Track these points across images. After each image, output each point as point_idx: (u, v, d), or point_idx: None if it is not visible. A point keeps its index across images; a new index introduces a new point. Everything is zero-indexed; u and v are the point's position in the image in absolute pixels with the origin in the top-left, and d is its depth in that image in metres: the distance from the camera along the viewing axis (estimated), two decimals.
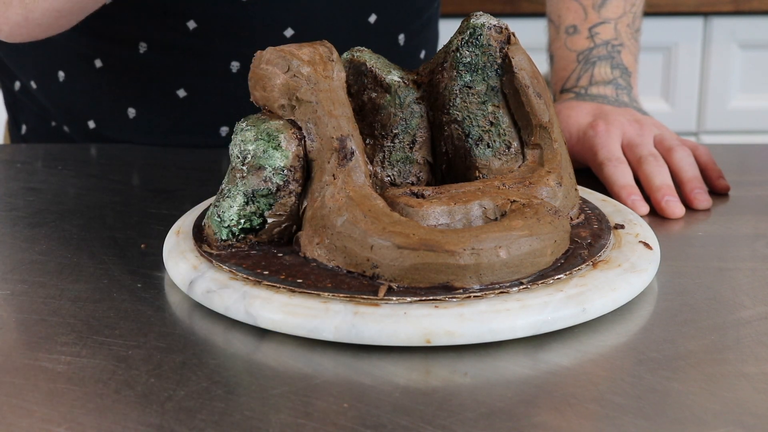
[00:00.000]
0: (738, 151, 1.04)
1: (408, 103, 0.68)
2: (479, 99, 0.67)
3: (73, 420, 0.49)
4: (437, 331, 0.54)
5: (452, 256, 0.56)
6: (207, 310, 0.60)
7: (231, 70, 0.99)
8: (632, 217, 0.69)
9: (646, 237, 0.65)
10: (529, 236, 0.58)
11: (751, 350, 0.55)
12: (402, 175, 0.68)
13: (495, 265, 0.56)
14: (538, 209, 0.60)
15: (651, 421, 0.48)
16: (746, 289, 0.64)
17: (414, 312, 0.55)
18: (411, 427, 0.48)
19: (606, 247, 0.62)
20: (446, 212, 0.60)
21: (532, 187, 0.64)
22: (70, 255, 0.70)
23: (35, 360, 0.55)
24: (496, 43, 0.67)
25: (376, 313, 0.55)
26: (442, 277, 0.56)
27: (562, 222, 0.60)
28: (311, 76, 0.63)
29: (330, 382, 0.52)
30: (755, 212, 0.78)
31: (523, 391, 0.51)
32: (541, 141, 0.67)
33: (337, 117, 0.62)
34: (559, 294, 0.57)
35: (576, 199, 0.67)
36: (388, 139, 0.67)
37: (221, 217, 0.63)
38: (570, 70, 0.93)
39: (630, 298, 0.60)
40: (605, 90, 0.91)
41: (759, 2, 1.84)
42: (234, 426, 0.48)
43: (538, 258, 0.58)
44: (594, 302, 0.57)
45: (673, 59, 1.91)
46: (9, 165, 0.94)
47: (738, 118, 1.89)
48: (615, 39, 0.94)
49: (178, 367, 0.54)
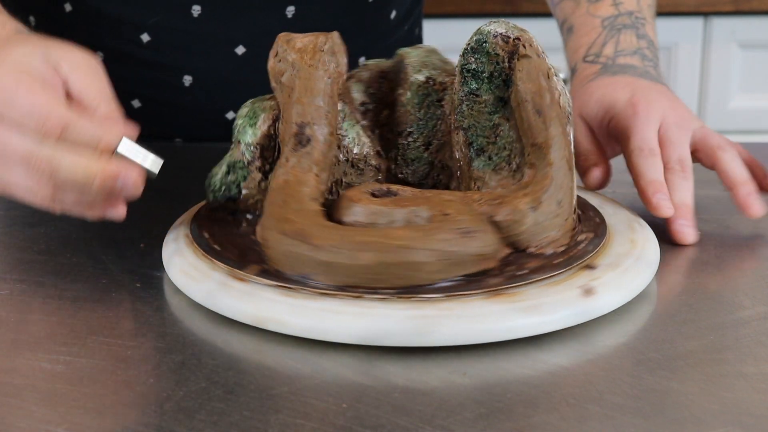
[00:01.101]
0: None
1: (426, 104, 0.66)
2: (487, 109, 0.65)
3: (73, 420, 0.49)
4: (269, 316, 0.56)
5: (314, 249, 0.57)
6: (206, 310, 0.60)
7: (184, 83, 0.99)
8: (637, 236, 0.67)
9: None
10: (406, 249, 0.56)
11: (750, 350, 0.55)
12: (416, 175, 0.66)
13: (353, 268, 0.56)
14: (442, 225, 0.58)
15: (650, 421, 0.48)
16: (746, 289, 0.64)
17: (262, 294, 0.57)
18: (410, 427, 0.48)
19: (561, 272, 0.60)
20: (371, 212, 0.60)
21: (501, 207, 0.61)
22: (69, 255, 0.70)
23: (35, 360, 0.55)
24: (503, 52, 0.64)
25: (236, 288, 0.58)
26: (306, 269, 0.57)
27: (469, 242, 0.57)
28: (295, 63, 0.65)
29: (329, 383, 0.52)
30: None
31: (522, 391, 0.51)
32: (537, 161, 0.63)
33: (304, 104, 0.64)
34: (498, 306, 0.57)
35: (562, 227, 0.62)
36: (402, 136, 0.67)
37: (209, 180, 0.68)
38: (594, 36, 0.88)
39: (627, 301, 0.60)
40: (632, 60, 0.85)
41: (759, 2, 1.84)
42: (233, 426, 0.48)
43: (411, 272, 0.56)
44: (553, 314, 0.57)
45: (673, 59, 1.91)
46: None
47: (738, 118, 1.89)
48: (638, 12, 0.90)
49: (177, 367, 0.54)
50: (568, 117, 0.64)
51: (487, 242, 0.58)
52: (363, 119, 0.68)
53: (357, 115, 0.68)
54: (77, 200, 0.61)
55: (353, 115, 0.67)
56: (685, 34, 1.86)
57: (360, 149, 0.67)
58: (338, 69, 0.66)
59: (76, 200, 0.61)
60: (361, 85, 0.68)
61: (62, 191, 0.60)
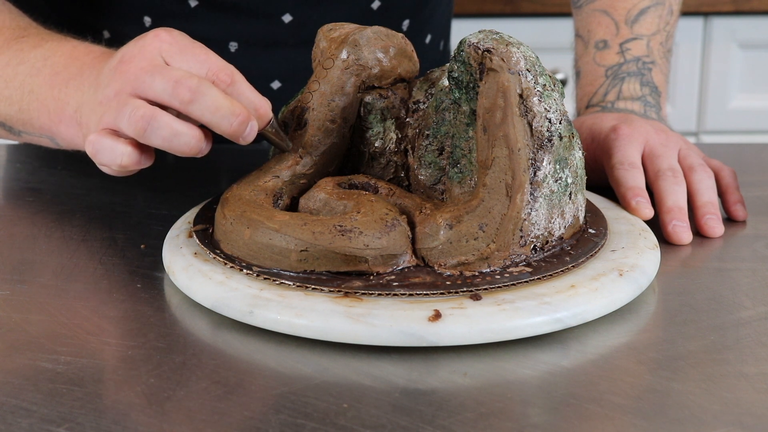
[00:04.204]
0: (737, 151, 1.04)
1: (442, 109, 0.65)
2: (465, 120, 0.63)
3: (73, 420, 0.49)
4: (272, 317, 0.56)
5: (221, 219, 0.63)
6: (207, 311, 0.60)
7: None
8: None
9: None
10: (275, 231, 0.59)
11: (750, 350, 0.55)
12: (431, 179, 0.65)
13: (238, 243, 0.61)
14: (324, 219, 0.59)
15: (650, 421, 0.48)
16: (746, 290, 0.64)
17: (262, 294, 0.58)
18: (411, 427, 0.48)
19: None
20: (323, 200, 0.63)
21: (426, 218, 0.60)
22: (70, 255, 0.70)
23: (35, 360, 0.55)
24: (475, 63, 0.61)
25: (238, 288, 0.59)
26: (216, 234, 0.64)
27: (340, 240, 0.58)
28: (325, 51, 0.68)
29: (329, 383, 0.52)
30: (755, 212, 0.78)
31: (523, 391, 0.51)
32: (480, 178, 0.60)
33: (311, 91, 0.67)
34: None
35: (480, 254, 0.59)
36: (421, 138, 0.66)
37: None
38: (597, 85, 0.90)
39: (628, 300, 0.60)
40: (633, 105, 0.87)
41: (759, 2, 1.84)
42: (234, 426, 0.48)
43: (278, 256, 0.59)
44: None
45: (673, 59, 1.91)
46: (9, 165, 0.94)
47: (738, 118, 1.89)
48: (647, 56, 0.91)
49: (177, 367, 0.54)
50: (543, 142, 0.60)
51: (360, 245, 0.58)
52: (410, 117, 0.67)
53: (401, 111, 0.67)
54: (207, 119, 0.61)
55: (389, 111, 0.67)
56: (685, 34, 1.86)
57: (382, 144, 0.67)
58: (359, 62, 0.66)
59: (206, 119, 0.61)
60: (426, 84, 0.68)
61: (198, 108, 0.61)
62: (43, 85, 0.74)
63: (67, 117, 0.72)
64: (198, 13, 0.96)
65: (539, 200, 0.60)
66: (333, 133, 0.67)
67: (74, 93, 0.71)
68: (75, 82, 0.71)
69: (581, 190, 0.65)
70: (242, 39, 0.98)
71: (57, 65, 0.74)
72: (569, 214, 0.63)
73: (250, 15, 0.97)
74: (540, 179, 0.60)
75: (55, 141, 0.75)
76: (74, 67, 0.72)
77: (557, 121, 0.61)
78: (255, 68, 0.99)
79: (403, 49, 0.69)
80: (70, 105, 0.71)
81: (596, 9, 0.94)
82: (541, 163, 0.60)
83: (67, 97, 0.71)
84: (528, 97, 0.59)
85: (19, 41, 0.78)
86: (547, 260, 0.61)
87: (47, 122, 0.74)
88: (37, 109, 0.74)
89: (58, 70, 0.73)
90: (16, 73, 0.76)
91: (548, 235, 0.61)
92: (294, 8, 0.97)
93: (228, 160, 0.95)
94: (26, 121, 0.76)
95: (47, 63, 0.74)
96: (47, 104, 0.73)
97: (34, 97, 0.74)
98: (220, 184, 0.87)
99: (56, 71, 0.73)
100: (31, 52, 0.76)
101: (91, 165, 0.67)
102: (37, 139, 0.78)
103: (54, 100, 0.73)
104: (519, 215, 0.59)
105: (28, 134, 0.78)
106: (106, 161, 0.64)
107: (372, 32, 0.68)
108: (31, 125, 0.76)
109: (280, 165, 0.66)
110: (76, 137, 0.71)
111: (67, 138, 0.73)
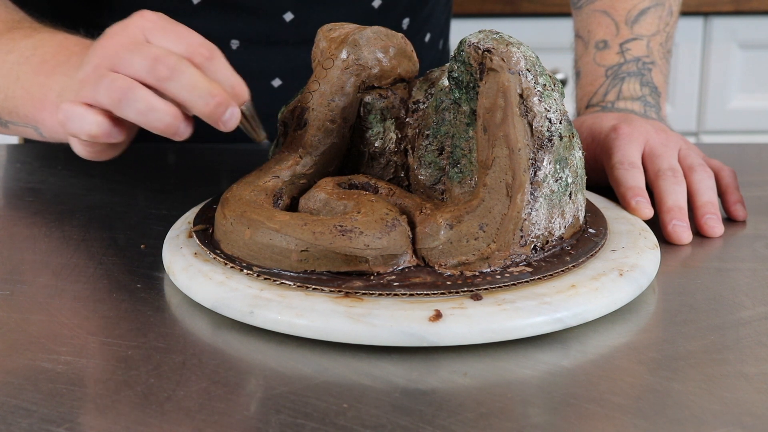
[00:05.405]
0: (737, 151, 1.04)
1: (442, 109, 0.65)
2: (466, 120, 0.63)
3: (73, 420, 0.49)
4: (273, 317, 0.56)
5: (221, 219, 0.63)
6: (207, 311, 0.60)
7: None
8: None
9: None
10: (276, 231, 0.59)
11: (750, 350, 0.55)
12: (431, 179, 0.65)
13: (238, 243, 0.61)
14: (324, 219, 0.59)
15: (650, 421, 0.48)
16: (746, 290, 0.64)
17: (262, 294, 0.58)
18: (411, 427, 0.48)
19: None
20: (323, 201, 0.63)
21: (427, 218, 0.60)
22: (70, 255, 0.70)
23: (35, 360, 0.55)
24: (475, 63, 0.61)
25: (238, 288, 0.59)
26: (216, 234, 0.64)
27: (340, 240, 0.58)
28: (324, 51, 0.68)
29: (329, 383, 0.52)
30: (755, 212, 0.78)
31: (523, 391, 0.51)
32: (480, 179, 0.60)
33: (311, 91, 0.67)
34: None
35: (481, 254, 0.59)
36: (421, 138, 0.66)
37: None
38: (597, 85, 0.90)
39: (629, 300, 0.60)
40: (633, 105, 0.87)
41: (759, 2, 1.84)
42: (234, 426, 0.48)
43: (278, 256, 0.59)
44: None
45: (673, 59, 1.91)
46: (9, 165, 0.94)
47: (738, 118, 1.89)
48: (647, 56, 0.91)
49: (177, 367, 0.54)
50: (544, 142, 0.60)
51: (360, 245, 0.58)
52: (410, 117, 0.67)
53: (401, 111, 0.67)
54: (183, 97, 0.61)
55: (389, 111, 0.67)
56: (685, 34, 1.86)
57: (382, 143, 0.67)
58: (359, 62, 0.67)
59: (182, 97, 0.61)
60: (425, 84, 0.67)
61: (175, 86, 0.61)
62: (30, 72, 0.73)
63: (50, 103, 0.71)
64: (200, 10, 0.96)
65: (539, 200, 0.60)
66: (333, 133, 0.67)
67: (59, 79, 0.70)
68: (62, 69, 0.71)
69: (581, 190, 0.65)
70: (244, 37, 0.98)
71: (46, 54, 0.73)
72: (569, 214, 0.63)
73: (252, 13, 0.97)
74: (540, 179, 0.60)
75: (39, 131, 0.75)
76: (62, 56, 0.72)
77: (557, 121, 0.60)
78: (256, 66, 0.99)
79: (403, 49, 0.69)
80: (54, 90, 0.71)
81: (596, 9, 0.94)
82: (541, 163, 0.60)
83: (52, 83, 0.71)
84: (528, 97, 0.59)
85: (12, 32, 0.78)
86: (548, 260, 0.61)
87: (31, 110, 0.73)
88: (22, 97, 0.74)
89: (46, 59, 0.73)
90: (5, 61, 0.75)
91: (548, 235, 0.61)
92: (295, 7, 0.97)
93: (228, 160, 0.95)
94: (11, 110, 0.76)
95: (36, 52, 0.74)
96: (32, 91, 0.73)
97: (20, 85, 0.74)
98: (220, 184, 0.87)
99: (45, 59, 0.73)
100: (22, 42, 0.76)
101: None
102: (22, 130, 0.77)
103: (39, 86, 0.72)
104: (519, 215, 0.59)
105: (14, 124, 0.77)
106: (75, 129, 0.63)
107: (372, 32, 0.68)
108: (17, 114, 0.75)
109: (280, 165, 0.66)
110: (59, 125, 0.71)
111: (49, 125, 0.73)
